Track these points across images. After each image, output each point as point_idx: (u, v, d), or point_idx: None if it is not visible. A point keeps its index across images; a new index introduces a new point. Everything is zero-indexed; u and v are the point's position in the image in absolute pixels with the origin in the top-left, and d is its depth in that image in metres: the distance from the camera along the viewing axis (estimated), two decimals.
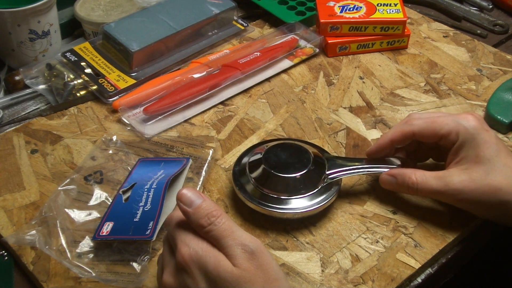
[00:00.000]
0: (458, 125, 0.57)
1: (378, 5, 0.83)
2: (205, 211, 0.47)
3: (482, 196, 0.55)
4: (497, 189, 0.55)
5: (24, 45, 0.78)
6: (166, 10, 0.83)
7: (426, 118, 0.59)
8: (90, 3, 0.87)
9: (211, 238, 0.46)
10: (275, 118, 0.72)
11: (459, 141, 0.57)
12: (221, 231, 0.46)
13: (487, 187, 0.55)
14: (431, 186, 0.57)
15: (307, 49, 0.83)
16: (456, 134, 0.57)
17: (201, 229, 0.47)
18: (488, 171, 0.55)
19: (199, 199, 0.47)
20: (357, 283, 0.54)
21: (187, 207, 0.47)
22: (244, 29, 0.87)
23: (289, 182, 0.58)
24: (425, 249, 0.57)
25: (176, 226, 0.48)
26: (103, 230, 0.55)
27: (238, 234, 0.46)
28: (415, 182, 0.57)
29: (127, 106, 0.71)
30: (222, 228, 0.46)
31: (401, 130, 0.60)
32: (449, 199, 0.57)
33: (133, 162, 0.65)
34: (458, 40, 0.85)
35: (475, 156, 0.56)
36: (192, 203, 0.47)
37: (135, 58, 0.76)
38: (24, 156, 0.67)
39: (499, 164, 0.55)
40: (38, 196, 0.62)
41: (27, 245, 0.56)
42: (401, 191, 0.61)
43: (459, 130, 0.57)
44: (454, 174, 0.56)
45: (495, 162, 0.55)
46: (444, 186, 0.56)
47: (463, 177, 0.56)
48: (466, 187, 0.55)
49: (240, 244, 0.45)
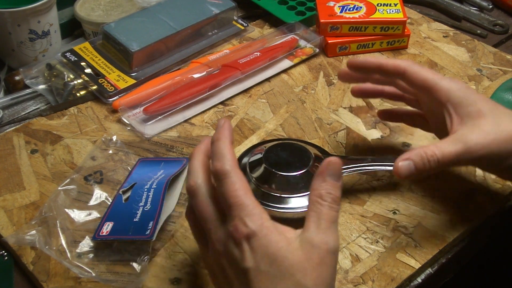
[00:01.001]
0: (450, 83, 0.56)
1: (378, 5, 0.83)
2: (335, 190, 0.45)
3: (502, 145, 0.53)
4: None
5: (24, 45, 0.78)
6: (166, 10, 0.83)
7: (420, 67, 0.58)
8: (90, 3, 0.87)
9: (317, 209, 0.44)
10: (275, 118, 0.72)
11: (452, 101, 0.55)
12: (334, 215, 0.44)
13: (504, 133, 0.53)
14: (450, 151, 0.53)
15: (307, 49, 0.83)
16: (447, 91, 0.55)
17: (320, 198, 0.45)
18: (497, 121, 0.53)
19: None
20: (357, 283, 0.54)
21: (337, 180, 0.45)
22: (244, 29, 0.87)
23: (290, 181, 0.58)
24: (425, 249, 0.57)
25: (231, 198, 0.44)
26: (103, 230, 0.55)
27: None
28: (434, 153, 0.53)
29: (127, 106, 0.71)
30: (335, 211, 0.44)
31: (395, 61, 0.58)
32: (471, 159, 0.54)
33: (133, 162, 0.65)
34: (458, 40, 0.85)
35: (477, 111, 0.54)
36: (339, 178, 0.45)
37: (135, 58, 0.76)
38: (24, 156, 0.67)
39: (502, 113, 0.54)
40: (38, 196, 0.62)
41: (27, 245, 0.56)
42: (421, 172, 0.53)
43: (451, 87, 0.55)
44: (467, 133, 0.53)
45: (498, 112, 0.54)
46: (464, 146, 0.53)
47: (476, 132, 0.53)
48: (484, 140, 0.53)
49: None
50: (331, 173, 0.45)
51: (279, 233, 0.43)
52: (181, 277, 0.55)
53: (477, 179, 0.64)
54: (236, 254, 0.43)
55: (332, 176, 0.45)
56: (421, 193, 0.63)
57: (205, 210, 0.46)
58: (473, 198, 0.62)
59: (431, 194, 0.63)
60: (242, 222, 0.43)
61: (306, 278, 0.42)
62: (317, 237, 0.43)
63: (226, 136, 0.47)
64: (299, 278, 0.42)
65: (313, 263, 0.42)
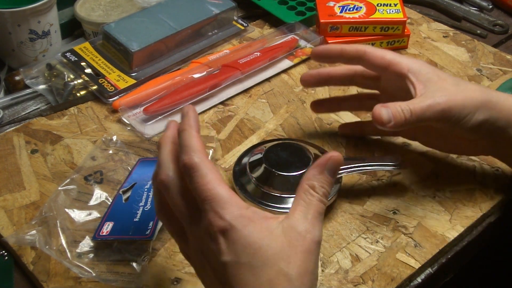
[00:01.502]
0: (408, 59, 0.59)
1: (378, 5, 0.83)
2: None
3: (466, 100, 0.55)
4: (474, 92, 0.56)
5: (24, 45, 0.78)
6: (166, 10, 0.83)
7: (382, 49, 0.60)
8: (90, 3, 0.87)
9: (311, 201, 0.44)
10: (275, 118, 0.72)
11: (412, 71, 0.57)
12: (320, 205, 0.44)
13: (465, 91, 0.56)
14: (420, 105, 0.55)
15: (307, 49, 0.83)
16: (406, 66, 0.58)
17: (313, 189, 0.44)
18: (456, 82, 0.57)
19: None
20: (357, 283, 0.54)
21: (333, 176, 0.45)
22: (244, 29, 0.87)
23: (290, 181, 0.58)
24: (425, 249, 0.57)
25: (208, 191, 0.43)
26: (103, 230, 0.56)
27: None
28: (406, 105, 0.54)
29: (127, 106, 0.71)
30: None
31: (355, 45, 0.61)
32: (439, 112, 0.55)
33: (133, 162, 0.65)
34: (458, 40, 0.85)
35: (437, 76, 0.57)
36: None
37: (135, 58, 0.76)
38: (24, 156, 0.67)
39: (457, 78, 0.58)
40: (38, 196, 0.62)
41: (27, 245, 0.56)
42: (397, 121, 0.54)
43: (410, 61, 0.58)
44: (432, 92, 0.56)
45: (454, 78, 0.58)
46: (431, 100, 0.55)
47: (440, 91, 0.56)
48: (449, 95, 0.55)
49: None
50: (330, 168, 0.45)
51: (260, 222, 0.42)
52: (181, 277, 0.55)
53: (477, 179, 0.64)
54: (214, 249, 0.42)
55: (330, 172, 0.45)
56: (421, 193, 0.63)
57: (179, 204, 0.45)
58: (473, 198, 0.62)
59: (431, 194, 0.63)
60: (217, 215, 0.41)
61: (289, 266, 0.41)
62: (303, 225, 0.42)
63: (191, 125, 0.46)
64: (282, 266, 0.40)
65: (297, 251, 0.41)
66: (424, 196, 0.63)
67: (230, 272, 0.41)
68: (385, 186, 0.64)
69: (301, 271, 0.41)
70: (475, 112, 0.56)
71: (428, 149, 0.68)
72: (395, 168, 0.61)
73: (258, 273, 0.40)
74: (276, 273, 0.40)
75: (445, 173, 0.65)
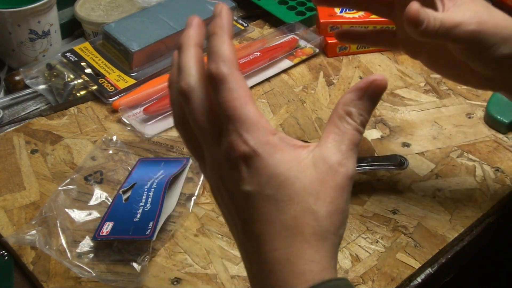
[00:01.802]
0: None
1: None
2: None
3: (493, 28, 0.49)
4: (506, 21, 0.49)
5: (24, 45, 0.78)
6: (166, 10, 0.83)
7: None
8: (90, 3, 0.87)
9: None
10: (275, 118, 0.72)
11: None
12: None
13: (496, 19, 0.49)
14: (451, 18, 0.48)
15: (307, 49, 0.83)
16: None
17: (350, 116, 0.39)
18: (487, 7, 0.50)
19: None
20: (357, 283, 0.54)
21: (374, 104, 0.39)
22: (244, 29, 0.87)
23: None
24: (425, 249, 0.57)
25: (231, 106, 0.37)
26: (103, 230, 0.56)
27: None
28: (438, 15, 0.48)
29: (127, 106, 0.71)
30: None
31: None
32: (465, 34, 0.48)
33: (133, 162, 0.65)
34: None
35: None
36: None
37: (135, 58, 0.76)
38: (24, 156, 0.67)
39: (489, 4, 0.51)
40: (38, 196, 0.62)
41: (27, 245, 0.56)
42: (427, 27, 0.47)
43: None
44: (461, 10, 0.49)
45: (487, 3, 0.51)
46: (461, 17, 0.48)
47: (471, 11, 0.49)
48: (479, 18, 0.48)
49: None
50: (371, 94, 0.39)
51: (288, 150, 0.37)
52: (181, 277, 0.55)
53: (477, 179, 0.64)
54: (234, 176, 0.37)
55: (371, 98, 0.39)
56: (421, 193, 0.63)
57: (199, 119, 0.39)
58: (473, 198, 0.62)
59: (431, 194, 0.63)
60: (241, 138, 0.37)
61: (319, 203, 0.36)
62: (336, 157, 0.38)
63: (224, 28, 0.39)
64: (310, 202, 0.36)
65: (327, 186, 0.37)
66: (424, 196, 0.63)
67: (251, 203, 0.37)
68: (385, 186, 0.64)
69: (331, 210, 0.37)
70: (502, 44, 0.49)
71: (428, 149, 0.68)
72: (395, 168, 0.61)
73: (283, 208, 0.36)
74: (303, 209, 0.36)
75: (445, 173, 0.65)
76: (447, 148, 0.68)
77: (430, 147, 0.68)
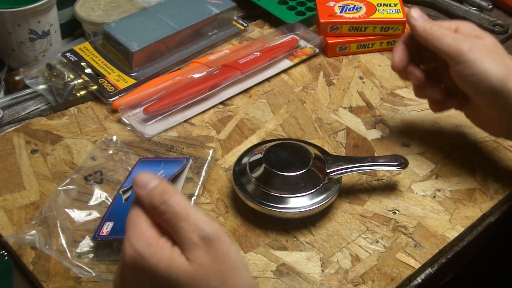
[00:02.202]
0: (457, 22, 0.61)
1: (378, 5, 0.83)
2: (159, 191, 0.42)
3: (490, 58, 0.57)
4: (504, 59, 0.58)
5: (24, 45, 0.78)
6: (166, 10, 0.83)
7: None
8: (90, 3, 0.87)
9: (165, 222, 0.42)
10: (275, 118, 0.72)
11: (460, 31, 0.60)
12: (176, 212, 0.41)
13: (496, 54, 0.58)
14: (444, 31, 0.59)
15: (307, 49, 0.83)
16: (456, 26, 0.61)
17: (155, 211, 0.42)
18: (496, 45, 0.59)
19: (154, 181, 0.43)
20: (357, 283, 0.54)
21: (142, 190, 0.42)
22: (244, 29, 0.87)
23: (290, 181, 0.58)
24: (425, 249, 0.57)
25: (128, 222, 0.43)
26: (103, 230, 0.56)
27: (194, 217, 0.41)
28: (439, 22, 0.60)
29: (127, 106, 0.71)
30: (177, 208, 0.41)
31: (406, 32, 0.64)
32: (460, 50, 0.58)
33: (133, 162, 0.65)
34: None
35: (482, 33, 0.60)
36: (148, 184, 0.42)
37: (135, 58, 0.76)
38: (24, 156, 0.67)
39: (503, 49, 0.59)
40: (38, 196, 0.62)
41: (27, 245, 0.56)
42: (424, 29, 0.60)
43: (459, 24, 0.61)
44: (462, 36, 0.59)
45: (499, 44, 0.60)
46: (460, 35, 0.59)
47: (475, 39, 0.58)
48: (478, 43, 0.58)
49: (196, 229, 0.41)
50: (142, 185, 0.43)
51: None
52: None
53: (477, 179, 0.64)
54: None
55: (143, 187, 0.43)
56: (421, 193, 0.63)
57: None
58: (473, 198, 0.62)
59: (431, 194, 0.63)
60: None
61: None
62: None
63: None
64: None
65: (208, 265, 0.41)
66: (424, 196, 0.63)
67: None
68: (385, 186, 0.64)
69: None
70: (490, 78, 0.57)
71: (428, 149, 0.68)
72: (395, 168, 0.61)
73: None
74: None
75: (445, 173, 0.65)
76: (447, 148, 0.68)
77: (430, 147, 0.68)
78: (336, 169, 0.60)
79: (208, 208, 0.61)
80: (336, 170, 0.60)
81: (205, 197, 0.63)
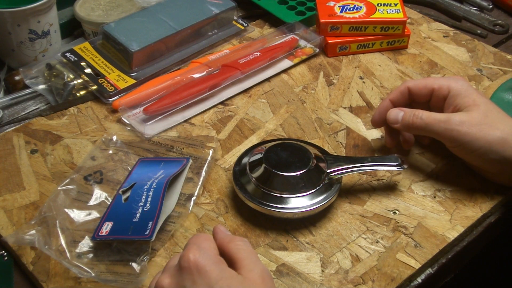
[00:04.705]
0: (449, 81, 0.63)
1: (378, 5, 0.83)
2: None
3: (481, 133, 0.58)
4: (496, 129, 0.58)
5: (24, 45, 0.78)
6: (166, 10, 0.83)
7: (420, 78, 0.65)
8: (90, 3, 0.87)
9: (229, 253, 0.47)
10: (275, 118, 0.72)
11: (452, 93, 0.61)
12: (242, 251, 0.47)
13: (487, 126, 0.58)
14: (434, 117, 0.60)
15: (307, 49, 0.83)
16: (447, 88, 0.62)
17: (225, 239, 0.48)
18: (486, 113, 0.59)
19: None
20: (357, 283, 0.54)
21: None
22: (244, 29, 0.87)
23: (290, 181, 0.58)
24: (425, 249, 0.57)
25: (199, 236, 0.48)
26: (102, 230, 0.55)
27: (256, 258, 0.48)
28: (421, 112, 0.61)
29: (127, 106, 0.71)
30: (245, 247, 0.48)
31: (397, 89, 0.65)
32: (450, 131, 0.59)
33: (133, 162, 0.65)
34: (458, 40, 0.85)
35: (472, 101, 0.60)
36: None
37: (135, 58, 0.76)
38: (24, 156, 0.67)
39: (496, 111, 0.60)
40: (38, 196, 0.62)
41: (27, 245, 0.56)
42: (406, 124, 0.62)
43: (450, 84, 0.62)
44: (455, 114, 0.60)
45: (491, 108, 0.60)
46: (447, 117, 0.59)
47: (463, 115, 0.59)
48: (467, 119, 0.59)
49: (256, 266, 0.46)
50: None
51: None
52: None
53: (477, 179, 0.64)
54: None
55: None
56: (421, 193, 0.63)
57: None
58: (473, 198, 0.62)
59: (431, 194, 0.63)
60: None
61: None
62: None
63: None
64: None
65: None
66: (424, 196, 0.63)
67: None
68: (385, 186, 0.64)
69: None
70: (488, 150, 0.58)
71: (428, 149, 0.68)
72: (395, 168, 0.61)
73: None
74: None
75: (445, 173, 0.65)
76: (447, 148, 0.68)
77: (430, 147, 0.68)
78: (336, 169, 0.60)
79: (208, 208, 0.61)
80: (336, 170, 0.60)
81: (205, 197, 0.62)
